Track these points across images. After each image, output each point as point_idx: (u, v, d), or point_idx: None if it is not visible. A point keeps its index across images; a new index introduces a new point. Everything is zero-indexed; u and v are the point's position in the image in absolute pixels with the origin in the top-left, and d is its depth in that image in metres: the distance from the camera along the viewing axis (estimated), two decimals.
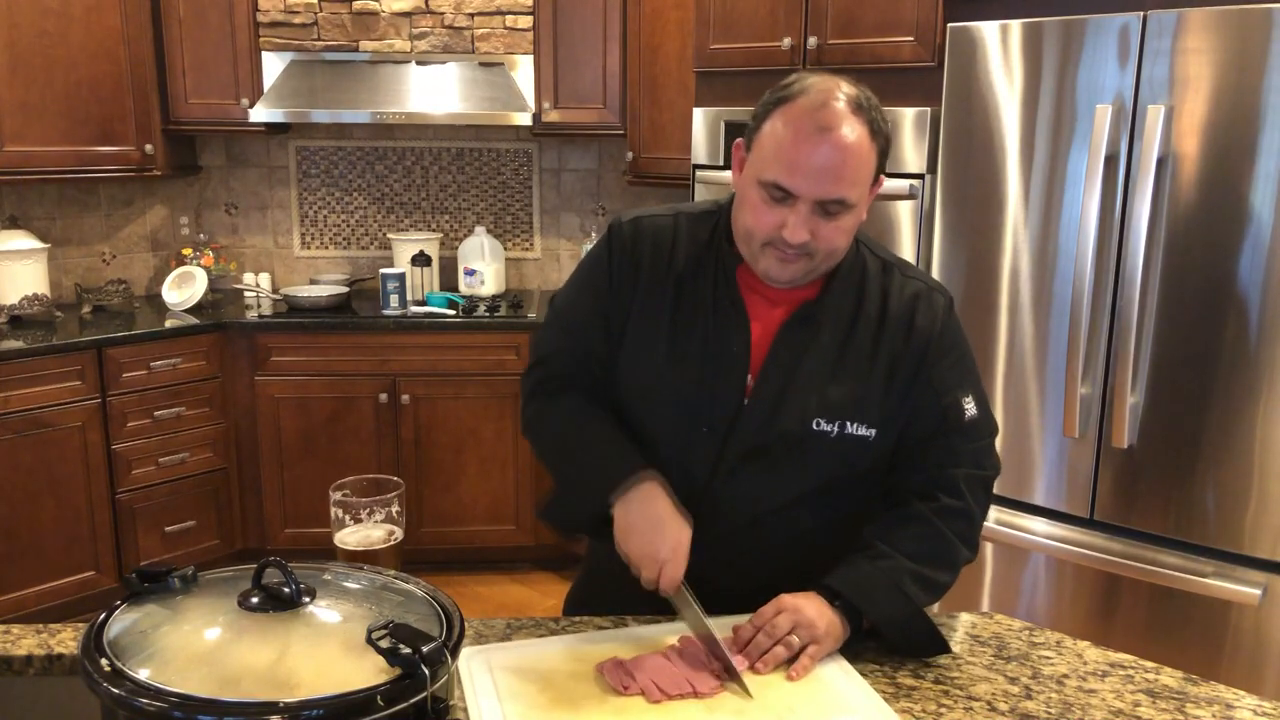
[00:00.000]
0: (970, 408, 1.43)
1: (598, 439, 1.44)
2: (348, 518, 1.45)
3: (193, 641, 0.94)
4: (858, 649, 1.35)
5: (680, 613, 1.36)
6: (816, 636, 1.30)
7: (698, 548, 1.39)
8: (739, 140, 1.39)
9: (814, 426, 1.39)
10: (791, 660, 1.29)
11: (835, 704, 1.22)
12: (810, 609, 1.32)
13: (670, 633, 1.37)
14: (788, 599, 1.33)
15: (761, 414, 1.39)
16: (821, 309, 1.40)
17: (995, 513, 2.60)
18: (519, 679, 1.25)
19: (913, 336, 1.41)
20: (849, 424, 1.39)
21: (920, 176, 2.70)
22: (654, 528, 1.34)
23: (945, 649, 1.36)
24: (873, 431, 1.40)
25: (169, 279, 3.91)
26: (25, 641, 1.32)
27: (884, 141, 1.32)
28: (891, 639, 1.36)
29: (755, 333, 1.41)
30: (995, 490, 2.59)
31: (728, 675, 1.26)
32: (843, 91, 1.28)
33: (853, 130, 1.27)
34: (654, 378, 1.44)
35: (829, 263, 1.37)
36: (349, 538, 1.45)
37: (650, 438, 1.45)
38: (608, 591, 1.50)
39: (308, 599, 0.98)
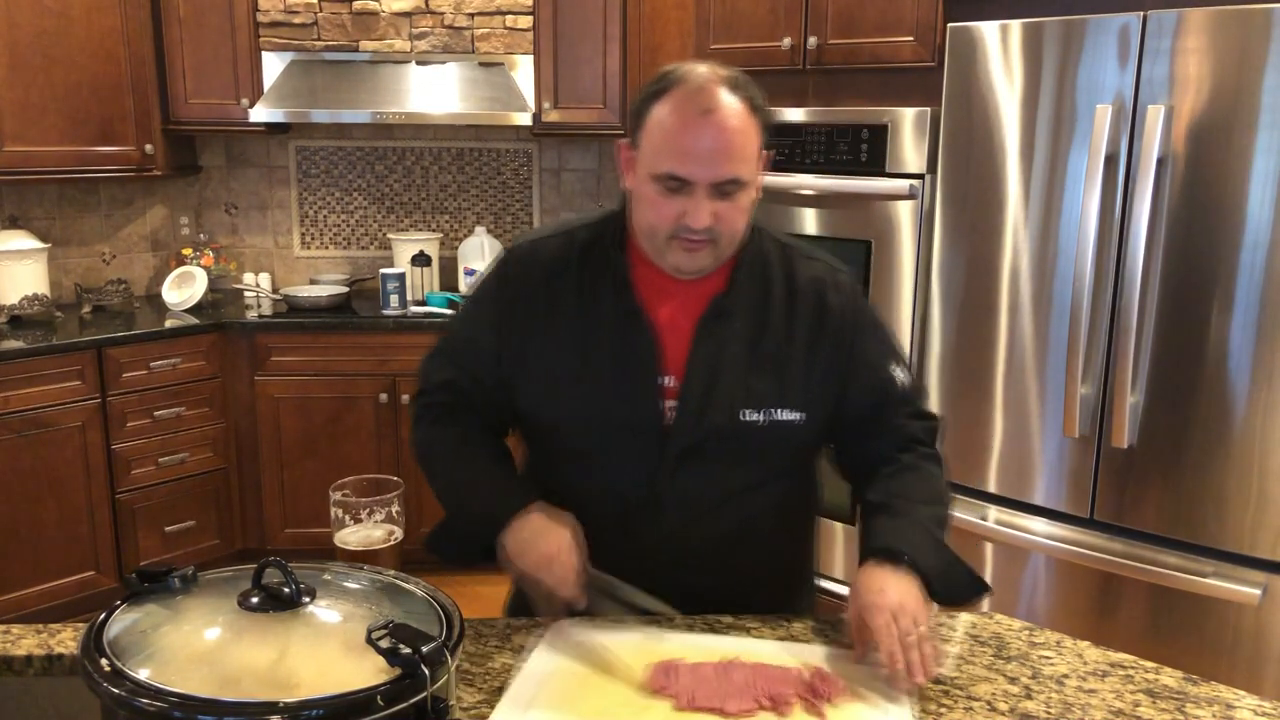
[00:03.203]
0: (900, 374, 1.49)
1: (482, 478, 1.46)
2: (348, 518, 1.45)
3: (193, 641, 0.94)
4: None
5: (610, 598, 1.36)
6: (921, 617, 1.28)
7: (649, 550, 1.41)
8: (621, 141, 1.40)
9: (742, 418, 1.40)
10: None
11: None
12: (903, 596, 1.28)
13: (734, 648, 1.35)
14: (880, 599, 1.28)
15: (692, 413, 1.40)
16: (732, 300, 1.42)
17: (995, 512, 2.60)
18: (570, 662, 1.27)
19: (828, 318, 1.44)
20: (776, 411, 1.41)
21: (920, 176, 2.70)
22: (537, 537, 1.35)
23: (985, 588, 1.39)
24: (800, 415, 1.42)
25: (169, 279, 3.91)
26: (25, 641, 1.32)
27: (764, 116, 1.34)
28: (938, 590, 1.34)
29: (666, 334, 1.41)
30: (995, 490, 2.61)
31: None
32: (716, 73, 1.32)
33: (733, 108, 1.29)
34: (572, 399, 1.44)
35: (732, 245, 1.38)
36: (349, 538, 1.45)
37: (582, 454, 1.45)
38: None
39: (308, 599, 0.98)
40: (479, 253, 4.10)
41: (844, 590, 2.63)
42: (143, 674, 0.87)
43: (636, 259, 1.43)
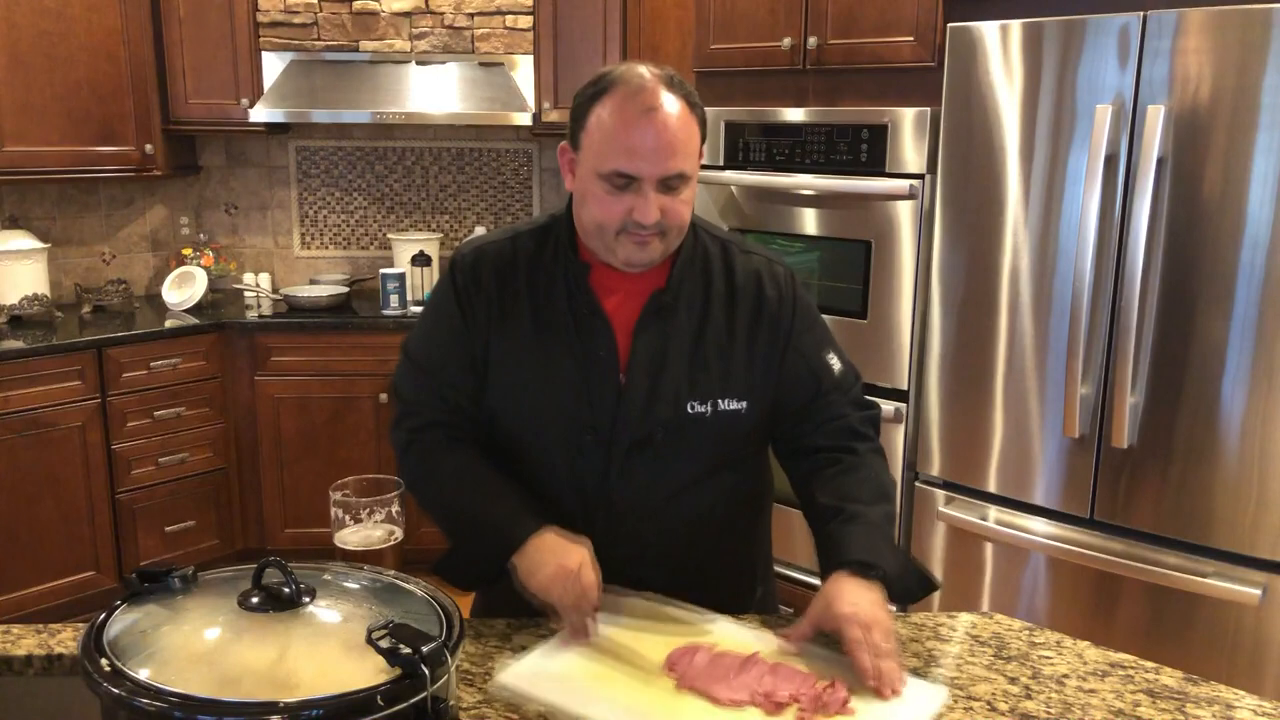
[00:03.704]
0: (835, 363, 1.52)
1: (488, 506, 1.42)
2: (348, 518, 1.45)
3: (193, 641, 0.95)
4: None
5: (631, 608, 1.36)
6: (890, 631, 1.29)
7: (604, 545, 1.41)
8: (563, 144, 1.42)
9: (688, 410, 1.43)
10: None
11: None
12: (875, 609, 1.29)
13: (759, 642, 1.35)
14: (854, 612, 1.28)
15: (637, 408, 1.42)
16: (672, 296, 1.44)
17: (995, 512, 2.60)
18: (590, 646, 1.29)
19: (764, 309, 1.47)
20: (720, 401, 1.44)
21: (920, 176, 2.70)
22: (554, 553, 1.33)
23: (933, 586, 1.44)
24: (744, 404, 1.45)
25: (169, 279, 3.91)
26: (25, 641, 1.32)
27: (700, 111, 1.38)
28: (896, 592, 1.36)
29: (617, 332, 1.43)
30: (995, 490, 2.60)
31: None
32: (652, 72, 1.35)
33: (674, 105, 1.33)
34: (532, 397, 1.44)
35: (679, 237, 1.41)
36: (349, 538, 1.45)
37: (538, 452, 1.46)
38: (512, 596, 1.47)
39: (308, 599, 0.98)
40: None
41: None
42: (143, 674, 0.87)
43: (583, 258, 1.45)
